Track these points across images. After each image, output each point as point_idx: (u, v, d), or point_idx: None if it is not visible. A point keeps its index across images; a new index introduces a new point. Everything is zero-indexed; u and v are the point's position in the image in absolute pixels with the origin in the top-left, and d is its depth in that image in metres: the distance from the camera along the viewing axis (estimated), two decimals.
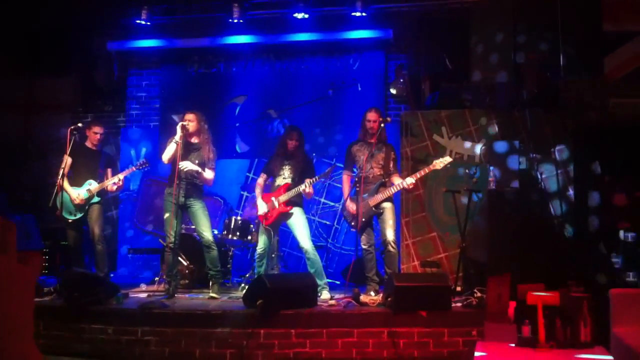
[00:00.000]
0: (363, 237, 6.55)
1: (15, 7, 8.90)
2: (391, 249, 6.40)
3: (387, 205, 6.51)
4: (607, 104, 7.16)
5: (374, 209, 6.48)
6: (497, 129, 7.21)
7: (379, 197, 6.46)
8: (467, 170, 7.05)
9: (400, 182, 6.45)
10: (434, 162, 6.44)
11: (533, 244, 6.29)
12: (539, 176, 7.04)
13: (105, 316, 5.78)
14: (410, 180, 6.38)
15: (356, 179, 6.60)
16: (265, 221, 6.75)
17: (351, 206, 6.54)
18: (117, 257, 9.15)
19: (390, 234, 6.41)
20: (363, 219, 6.48)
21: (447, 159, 6.47)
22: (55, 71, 9.58)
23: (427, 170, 6.44)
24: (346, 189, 6.75)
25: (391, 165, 6.65)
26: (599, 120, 7.04)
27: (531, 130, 7.17)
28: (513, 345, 4.79)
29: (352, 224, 6.57)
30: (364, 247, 6.54)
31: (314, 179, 6.57)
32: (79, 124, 7.06)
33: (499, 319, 5.17)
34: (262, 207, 6.77)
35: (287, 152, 6.80)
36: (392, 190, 6.49)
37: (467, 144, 7.21)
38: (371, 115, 6.63)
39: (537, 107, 7.29)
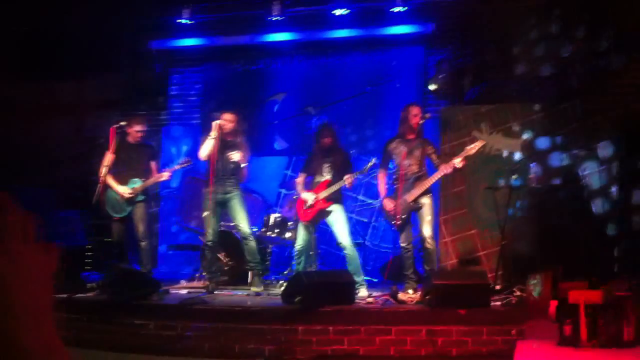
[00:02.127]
0: (402, 235, 6.51)
1: (59, 9, 9.09)
2: (428, 245, 6.34)
3: (426, 201, 6.42)
4: None
5: (412, 204, 6.43)
6: (540, 122, 7.07)
7: (416, 191, 6.40)
8: (508, 167, 6.94)
9: (445, 166, 6.27)
10: (466, 148, 6.28)
11: (575, 241, 6.18)
12: (583, 172, 6.90)
13: (147, 312, 5.86)
14: (458, 160, 6.20)
15: (395, 177, 6.56)
16: (305, 217, 6.76)
17: (389, 204, 6.50)
18: (158, 253, 9.29)
19: (427, 230, 6.35)
20: (403, 216, 6.44)
21: (479, 143, 6.30)
22: (101, 70, 9.76)
23: (466, 153, 6.23)
24: (382, 187, 6.70)
25: (434, 157, 6.51)
26: None
27: (576, 123, 7.02)
28: (554, 344, 4.73)
29: (392, 222, 6.52)
30: (402, 245, 6.50)
31: (353, 175, 6.55)
32: (122, 122, 7.16)
33: (540, 318, 5.10)
34: (309, 197, 6.74)
35: (324, 149, 6.80)
36: (436, 176, 6.35)
37: (508, 140, 7.10)
38: (417, 110, 6.54)
39: (583, 98, 7.12)
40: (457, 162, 6.22)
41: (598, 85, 7.27)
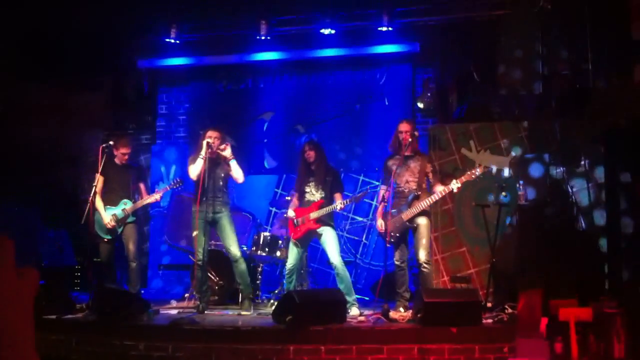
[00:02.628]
0: (396, 252, 6.51)
1: (50, 21, 9.07)
2: (424, 269, 6.33)
3: (422, 222, 6.38)
4: (638, 112, 7.07)
5: (407, 223, 6.42)
6: (526, 141, 7.15)
7: (412, 211, 6.38)
8: (496, 184, 6.99)
9: (442, 189, 6.28)
10: (467, 172, 6.25)
11: (565, 258, 6.21)
12: (570, 189, 6.97)
13: (137, 332, 5.81)
14: (456, 185, 6.18)
15: (383, 194, 6.59)
16: (294, 235, 6.76)
17: (380, 224, 6.51)
18: (148, 273, 9.24)
19: (422, 255, 6.32)
20: (397, 234, 6.43)
21: (480, 169, 6.25)
22: (87, 87, 9.74)
23: (467, 178, 6.21)
24: (381, 204, 6.65)
25: (431, 176, 6.49)
26: (630, 128, 6.96)
27: (561, 141, 7.11)
28: None
29: (388, 239, 6.48)
30: (396, 262, 6.50)
31: (346, 201, 6.59)
32: (110, 142, 7.14)
33: (530, 335, 5.12)
34: (290, 214, 6.79)
35: (308, 166, 6.81)
36: (433, 198, 6.34)
37: (496, 158, 7.16)
38: (403, 126, 6.53)
39: (566, 116, 7.22)
40: (455, 187, 6.22)
41: (586, 102, 7.36)
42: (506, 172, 7.09)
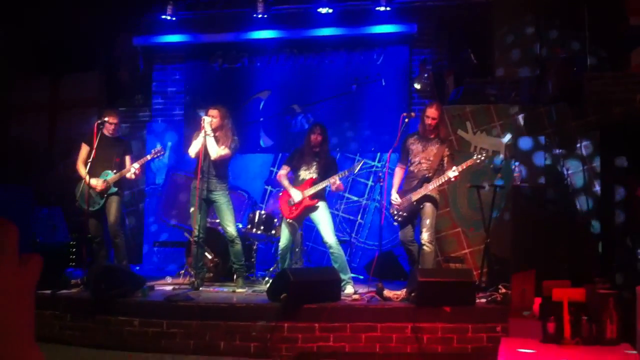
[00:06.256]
0: (400, 232, 6.52)
1: (40, 4, 9.00)
2: (425, 248, 6.31)
3: (428, 204, 6.33)
4: (633, 99, 7.08)
5: (414, 203, 6.39)
6: (522, 124, 7.16)
7: (421, 191, 6.32)
8: (491, 166, 7.01)
9: (441, 176, 6.25)
10: (473, 158, 6.18)
11: (558, 240, 6.24)
12: (565, 172, 6.99)
13: (131, 308, 5.83)
14: (453, 173, 6.13)
15: (380, 174, 6.58)
16: (290, 215, 6.75)
17: (395, 198, 6.47)
18: (143, 250, 9.24)
19: (425, 235, 6.29)
20: (405, 214, 6.43)
21: (484, 154, 6.25)
22: (80, 68, 9.68)
23: (468, 164, 6.16)
24: (396, 181, 6.62)
25: (445, 161, 6.36)
26: (625, 115, 6.97)
27: (556, 126, 7.12)
28: (538, 341, 4.79)
29: (396, 218, 6.51)
30: (401, 240, 6.53)
31: (342, 173, 6.56)
32: (105, 118, 7.10)
33: (523, 315, 5.16)
34: (297, 195, 6.69)
35: (313, 147, 6.79)
36: (436, 183, 6.29)
37: (492, 139, 7.17)
38: (431, 112, 6.39)
39: (562, 102, 7.23)
40: (452, 174, 6.14)
41: (572, 91, 7.37)
42: (501, 154, 7.11)
